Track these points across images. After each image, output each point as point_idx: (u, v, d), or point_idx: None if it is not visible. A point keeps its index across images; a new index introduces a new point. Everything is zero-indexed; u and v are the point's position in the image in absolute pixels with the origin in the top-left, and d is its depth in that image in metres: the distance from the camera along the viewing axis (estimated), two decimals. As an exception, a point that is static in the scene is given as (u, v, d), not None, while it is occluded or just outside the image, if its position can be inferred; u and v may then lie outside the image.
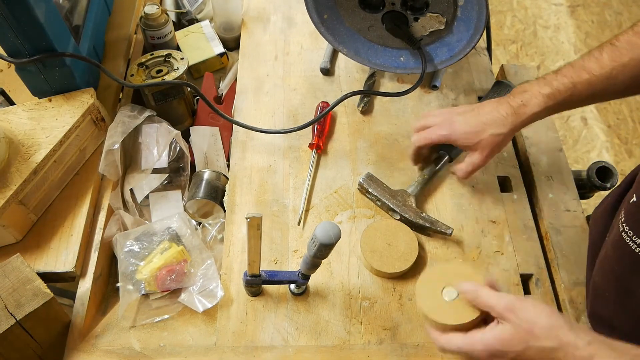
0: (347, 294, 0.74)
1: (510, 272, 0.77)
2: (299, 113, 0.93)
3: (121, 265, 0.75)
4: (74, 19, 0.87)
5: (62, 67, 0.80)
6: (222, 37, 1.07)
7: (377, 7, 0.86)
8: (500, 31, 2.35)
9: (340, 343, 0.70)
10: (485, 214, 0.82)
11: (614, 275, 0.64)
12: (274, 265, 0.77)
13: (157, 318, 0.73)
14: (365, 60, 0.91)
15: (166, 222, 0.79)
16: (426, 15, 0.84)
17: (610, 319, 0.67)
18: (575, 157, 1.95)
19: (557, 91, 0.70)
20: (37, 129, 0.78)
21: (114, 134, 0.81)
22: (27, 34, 0.73)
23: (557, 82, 0.70)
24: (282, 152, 0.88)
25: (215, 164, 0.89)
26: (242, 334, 0.71)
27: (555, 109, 0.72)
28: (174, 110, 0.94)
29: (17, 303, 0.63)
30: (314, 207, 0.83)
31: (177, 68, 0.89)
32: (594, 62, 0.68)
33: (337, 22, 0.89)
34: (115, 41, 1.00)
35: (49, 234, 0.77)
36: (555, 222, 0.81)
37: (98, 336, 0.72)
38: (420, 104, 0.95)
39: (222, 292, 0.72)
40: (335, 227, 0.60)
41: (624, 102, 2.11)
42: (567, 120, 2.05)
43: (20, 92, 0.87)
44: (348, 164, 0.87)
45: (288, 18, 1.07)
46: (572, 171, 0.87)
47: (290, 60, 1.01)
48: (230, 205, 0.83)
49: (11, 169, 0.74)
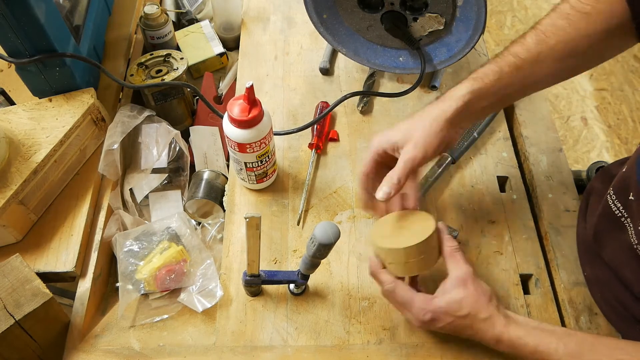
0: (346, 294, 0.74)
1: (509, 272, 0.77)
2: (299, 113, 0.93)
3: (121, 265, 0.75)
4: (74, 19, 0.87)
5: (63, 67, 0.80)
6: (221, 37, 1.07)
7: (376, 7, 0.87)
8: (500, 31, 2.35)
9: (339, 343, 0.70)
10: (484, 214, 0.82)
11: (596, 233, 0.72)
12: (273, 265, 0.77)
13: (157, 318, 0.73)
14: (364, 60, 0.92)
15: (166, 222, 0.79)
16: (425, 16, 0.85)
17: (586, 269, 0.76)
18: (575, 157, 1.95)
19: (484, 74, 0.67)
20: (38, 128, 0.78)
21: (114, 133, 0.81)
22: (28, 34, 0.74)
23: (483, 68, 0.68)
24: (282, 152, 0.88)
25: (214, 164, 0.89)
26: (242, 333, 0.71)
27: (485, 95, 0.67)
28: (174, 110, 0.94)
29: (16, 303, 0.63)
30: (313, 207, 0.83)
31: (176, 68, 0.89)
32: (519, 46, 0.67)
33: (336, 22, 0.90)
34: (115, 41, 1.00)
35: (49, 234, 0.77)
36: (555, 222, 0.81)
37: (97, 336, 0.72)
38: (419, 104, 0.95)
39: (222, 292, 0.72)
40: (334, 227, 0.60)
41: (624, 102, 2.11)
42: (567, 120, 2.05)
43: (20, 92, 0.87)
44: (348, 164, 0.88)
45: (288, 18, 1.07)
46: (572, 171, 0.87)
47: (290, 60, 1.01)
48: (229, 205, 0.83)
49: (11, 168, 0.74)
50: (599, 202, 0.72)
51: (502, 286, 0.75)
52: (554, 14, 0.67)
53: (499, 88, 0.67)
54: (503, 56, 0.68)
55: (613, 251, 0.69)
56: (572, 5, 0.66)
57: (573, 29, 0.65)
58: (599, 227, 0.72)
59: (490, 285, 0.65)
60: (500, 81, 0.67)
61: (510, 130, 0.93)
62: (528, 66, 0.66)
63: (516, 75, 0.67)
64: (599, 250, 0.72)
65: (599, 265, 0.72)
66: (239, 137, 0.73)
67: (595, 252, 0.73)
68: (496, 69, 0.67)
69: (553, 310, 0.74)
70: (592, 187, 0.80)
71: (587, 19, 0.65)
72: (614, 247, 0.69)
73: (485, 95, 0.67)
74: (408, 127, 0.67)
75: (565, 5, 0.67)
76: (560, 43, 0.65)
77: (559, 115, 2.04)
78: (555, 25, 0.66)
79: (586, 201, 0.79)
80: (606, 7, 0.64)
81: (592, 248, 0.74)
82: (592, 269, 0.74)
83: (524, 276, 0.77)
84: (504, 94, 0.68)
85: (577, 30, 0.65)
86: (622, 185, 0.67)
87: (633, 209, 0.64)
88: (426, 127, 0.66)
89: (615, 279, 0.69)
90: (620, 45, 0.67)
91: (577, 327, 0.72)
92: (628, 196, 0.65)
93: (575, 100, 2.11)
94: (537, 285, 0.76)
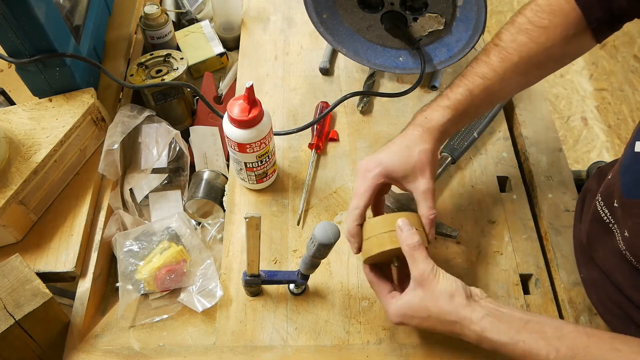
0: (346, 294, 0.74)
1: (509, 272, 0.77)
2: (299, 113, 0.93)
3: (120, 265, 0.75)
4: (75, 19, 0.87)
5: (63, 67, 0.80)
6: (221, 37, 1.07)
7: (376, 7, 0.87)
8: (500, 31, 2.35)
9: (339, 343, 0.70)
10: (484, 214, 0.82)
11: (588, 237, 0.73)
12: (273, 265, 0.77)
13: (157, 318, 0.73)
14: (364, 60, 0.92)
15: (166, 221, 0.79)
16: (425, 16, 0.84)
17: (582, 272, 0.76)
18: (575, 157, 1.95)
19: (457, 101, 0.68)
20: (38, 128, 0.78)
21: (114, 133, 0.81)
22: (28, 34, 0.74)
23: (454, 93, 0.69)
24: (282, 152, 0.88)
25: (214, 164, 0.90)
26: (241, 333, 0.71)
27: (460, 119, 0.69)
28: (174, 110, 0.94)
29: (16, 303, 0.63)
30: (313, 207, 0.83)
31: (176, 68, 0.89)
32: (484, 66, 0.69)
33: (336, 22, 0.90)
34: (116, 41, 1.00)
35: (49, 234, 0.77)
36: (555, 222, 0.81)
37: (97, 336, 0.72)
38: (419, 104, 0.95)
39: (222, 292, 0.72)
40: (334, 227, 0.60)
41: (624, 102, 2.11)
42: (567, 120, 2.05)
43: (20, 92, 0.87)
44: (348, 164, 0.88)
45: (288, 18, 1.07)
46: (572, 171, 0.87)
47: (290, 60, 1.01)
48: (229, 205, 0.83)
49: (11, 168, 0.74)
50: (593, 203, 0.73)
51: (502, 286, 0.75)
52: (512, 28, 0.69)
53: (470, 110, 0.70)
54: (470, 77, 0.69)
55: (604, 255, 0.70)
56: (530, 19, 0.68)
57: (534, 44, 0.68)
58: (590, 231, 0.72)
59: (491, 285, 0.65)
60: (472, 104, 0.69)
61: (510, 130, 0.93)
62: (496, 85, 0.69)
63: (486, 96, 0.69)
64: (592, 253, 0.72)
65: (594, 268, 0.72)
66: (239, 137, 0.73)
67: (589, 254, 0.73)
68: (466, 92, 0.69)
69: (553, 310, 0.74)
70: (587, 188, 0.80)
71: (547, 33, 0.67)
72: (605, 251, 0.69)
73: (460, 120, 0.70)
74: (407, 159, 0.66)
75: (523, 19, 0.69)
76: (523, 58, 0.68)
77: (559, 115, 2.04)
78: (516, 41, 0.68)
79: (582, 202, 0.80)
80: (562, 20, 0.67)
81: (587, 250, 0.74)
82: (587, 271, 0.74)
83: (524, 276, 0.77)
84: (474, 114, 0.72)
85: (538, 45, 0.68)
86: (608, 192, 0.68)
87: (618, 215, 0.65)
88: (429, 160, 0.66)
89: (609, 281, 0.69)
90: (578, 50, 0.71)
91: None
92: (613, 203, 0.66)
93: (575, 100, 2.11)
94: (537, 285, 0.76)
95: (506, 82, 0.69)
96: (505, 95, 0.72)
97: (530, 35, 0.68)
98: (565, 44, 0.68)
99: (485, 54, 0.70)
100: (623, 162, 0.65)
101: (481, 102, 0.70)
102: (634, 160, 0.63)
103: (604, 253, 0.70)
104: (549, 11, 0.68)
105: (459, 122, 0.70)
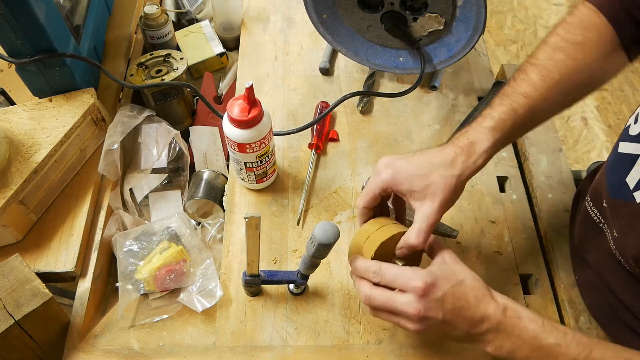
0: (346, 294, 0.74)
1: (509, 272, 0.77)
2: (299, 113, 0.93)
3: (120, 265, 0.75)
4: (75, 19, 0.87)
5: (63, 67, 0.80)
6: (221, 37, 1.07)
7: (376, 7, 0.87)
8: (500, 31, 2.35)
9: (339, 343, 0.70)
10: (484, 214, 0.82)
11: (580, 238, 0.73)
12: (273, 265, 0.77)
13: (156, 318, 0.73)
14: (364, 60, 0.92)
15: (165, 221, 0.79)
16: (425, 16, 0.84)
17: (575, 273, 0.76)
18: (575, 157, 1.95)
19: (501, 120, 0.64)
20: (38, 128, 0.79)
21: (114, 133, 0.81)
22: (28, 34, 0.74)
23: (498, 112, 0.65)
24: (282, 152, 0.88)
25: (214, 164, 0.90)
26: (241, 333, 0.71)
27: (504, 141, 0.65)
28: (174, 110, 0.94)
29: (15, 303, 0.63)
30: (313, 207, 0.83)
31: (176, 68, 0.89)
32: (526, 85, 0.65)
33: (336, 22, 0.90)
34: (116, 41, 1.00)
35: (49, 234, 0.77)
36: (555, 222, 0.81)
37: (97, 336, 0.72)
38: (419, 104, 0.95)
39: (221, 292, 0.72)
40: (333, 227, 0.60)
41: (624, 102, 2.11)
42: (567, 120, 2.05)
43: (20, 92, 0.87)
44: (347, 164, 0.88)
45: (288, 18, 1.07)
46: (572, 171, 0.87)
47: (290, 60, 1.01)
48: (229, 205, 0.83)
49: (11, 168, 0.74)
50: (583, 204, 0.73)
51: (502, 286, 0.75)
52: (547, 47, 0.67)
53: (515, 131, 0.66)
54: (513, 96, 0.66)
55: (596, 256, 0.70)
56: (563, 37, 0.66)
57: (572, 61, 0.65)
58: (581, 232, 0.72)
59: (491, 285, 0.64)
60: (515, 123, 0.65)
61: (510, 130, 0.93)
62: (539, 104, 0.65)
63: (529, 115, 0.65)
64: (584, 254, 0.72)
65: (587, 269, 0.72)
66: (239, 137, 0.73)
67: (582, 256, 0.73)
68: (511, 112, 0.65)
69: (553, 310, 0.74)
70: (581, 189, 0.80)
71: (583, 49, 0.66)
72: (597, 251, 0.69)
73: (503, 143, 0.66)
74: (424, 176, 0.61)
75: (557, 38, 0.67)
76: (564, 76, 0.65)
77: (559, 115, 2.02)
78: (554, 59, 0.66)
79: (576, 204, 0.79)
80: (596, 36, 0.65)
81: (580, 252, 0.74)
82: (581, 273, 0.74)
83: (524, 276, 0.77)
84: (515, 136, 0.68)
85: (576, 62, 0.65)
86: (596, 192, 0.68)
87: (607, 215, 0.65)
88: (448, 187, 0.61)
89: (602, 283, 0.69)
90: (616, 68, 0.68)
91: (577, 327, 0.72)
92: (602, 203, 0.66)
93: (575, 100, 2.11)
94: (537, 285, 0.76)
95: (548, 102, 0.66)
96: (545, 117, 0.68)
97: (566, 52, 0.65)
98: (603, 61, 0.66)
99: (523, 72, 0.67)
100: (608, 163, 0.65)
101: (525, 121, 0.65)
102: (617, 162, 0.63)
103: (596, 254, 0.70)
104: (582, 27, 0.66)
105: (501, 146, 0.66)
